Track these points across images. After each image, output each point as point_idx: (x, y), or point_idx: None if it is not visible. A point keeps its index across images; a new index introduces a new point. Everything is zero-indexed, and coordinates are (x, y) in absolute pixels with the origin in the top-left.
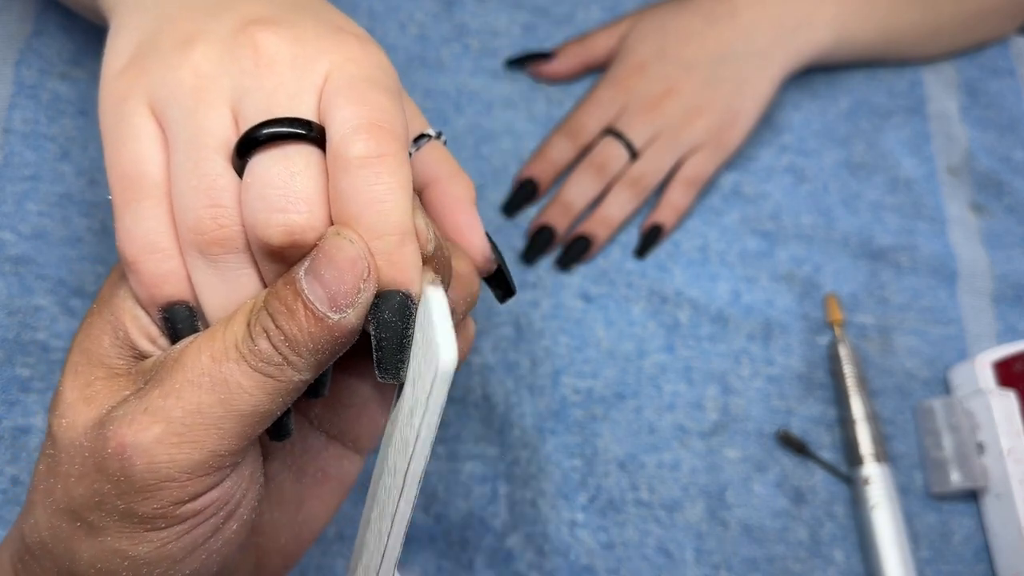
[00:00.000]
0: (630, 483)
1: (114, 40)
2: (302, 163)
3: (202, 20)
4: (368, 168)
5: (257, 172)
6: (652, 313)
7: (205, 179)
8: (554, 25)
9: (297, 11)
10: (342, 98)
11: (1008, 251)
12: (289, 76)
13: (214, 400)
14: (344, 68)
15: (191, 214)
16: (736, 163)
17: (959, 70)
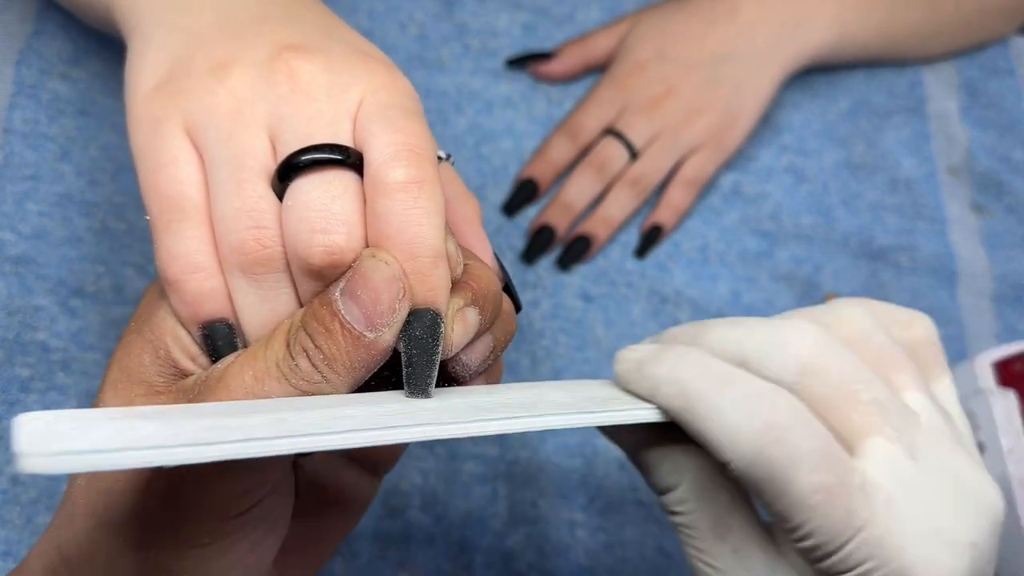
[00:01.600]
0: (629, 483)
1: (141, 58)
2: (341, 187)
3: (236, 44)
4: (406, 192)
5: (299, 195)
6: (652, 313)
7: (248, 201)
8: (554, 25)
9: (326, 37)
10: (378, 126)
11: (1008, 251)
12: (325, 103)
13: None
14: (376, 95)
15: (234, 235)
16: (736, 163)
17: (959, 70)
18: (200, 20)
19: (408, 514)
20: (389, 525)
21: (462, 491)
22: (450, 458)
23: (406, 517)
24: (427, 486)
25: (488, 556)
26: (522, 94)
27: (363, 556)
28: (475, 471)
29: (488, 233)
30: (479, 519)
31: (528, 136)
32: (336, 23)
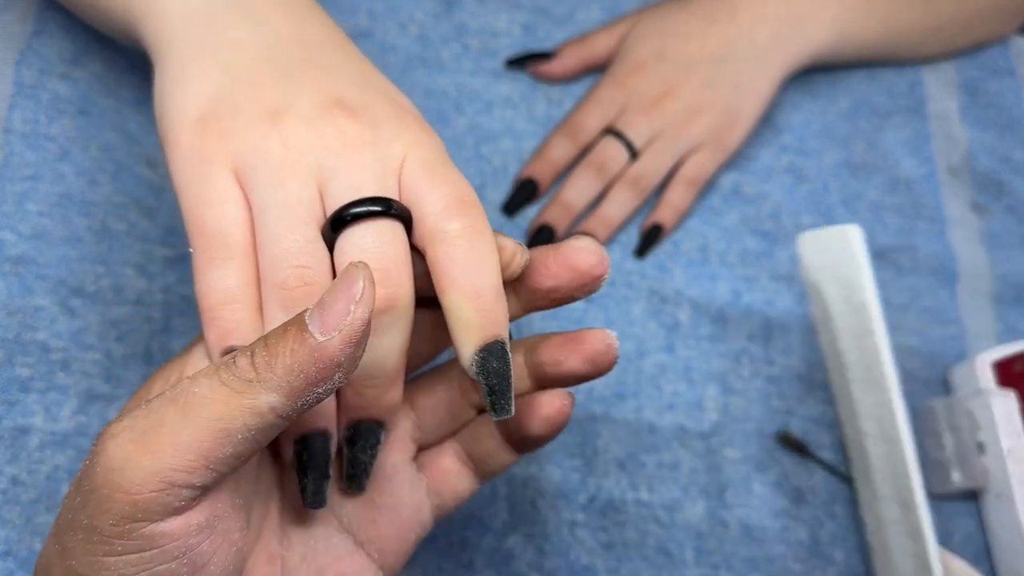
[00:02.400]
0: (630, 483)
1: (180, 87)
2: (390, 235)
3: (284, 91)
4: (464, 239)
5: (354, 241)
6: (652, 313)
7: (296, 244)
8: (554, 25)
9: (367, 88)
10: (426, 182)
11: (1008, 251)
12: (372, 159)
13: (176, 410)
14: (416, 152)
15: (280, 273)
16: (736, 163)
17: (959, 70)
18: (242, 56)
19: None
20: None
21: None
22: None
23: None
24: None
25: (488, 555)
26: (522, 94)
27: None
28: None
29: None
30: (479, 519)
31: (528, 136)
32: (368, 69)
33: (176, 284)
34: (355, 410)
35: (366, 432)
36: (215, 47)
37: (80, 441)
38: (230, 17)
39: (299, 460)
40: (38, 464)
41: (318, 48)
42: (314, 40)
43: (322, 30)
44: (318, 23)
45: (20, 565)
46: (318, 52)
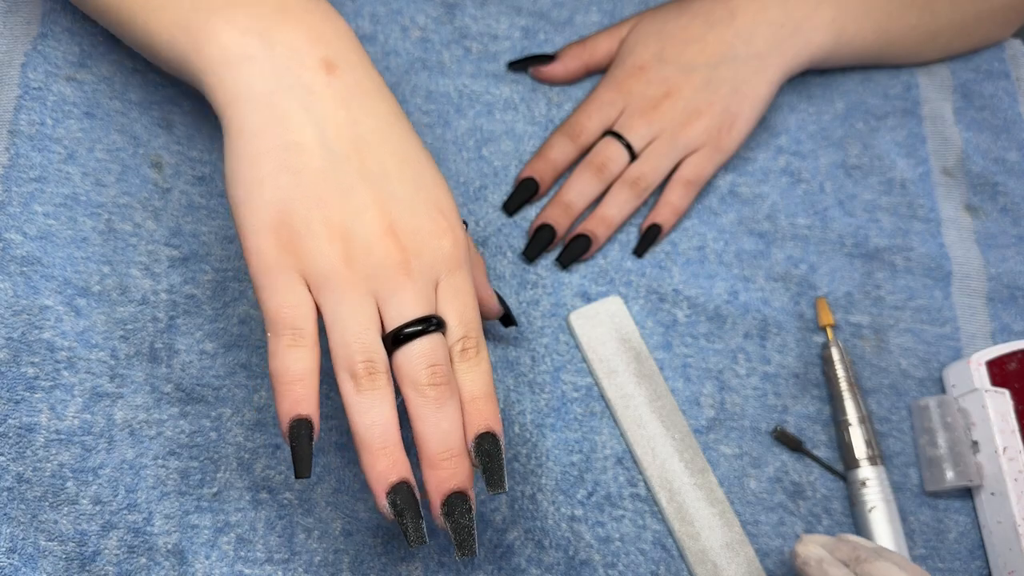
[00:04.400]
0: (627, 479)
1: (255, 190)
2: (438, 342)
3: (347, 213)
4: (464, 363)
5: (415, 348)
6: (650, 311)
7: (363, 344)
8: (554, 29)
9: (416, 203)
10: (451, 308)
11: (1002, 251)
12: (418, 286)
13: None
14: (448, 281)
15: (351, 365)
16: (733, 164)
17: (954, 73)
18: (307, 165)
19: None
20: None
21: None
22: None
23: None
24: None
25: (489, 550)
26: (522, 96)
27: (366, 549)
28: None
29: (489, 232)
30: (480, 513)
31: (529, 138)
32: (416, 167)
33: (181, 284)
34: (442, 484)
35: (458, 501)
36: (281, 148)
37: (85, 439)
38: (290, 109)
39: (395, 508)
40: (43, 462)
41: (372, 153)
42: (370, 145)
43: (371, 121)
44: (368, 111)
45: (25, 562)
46: (372, 159)
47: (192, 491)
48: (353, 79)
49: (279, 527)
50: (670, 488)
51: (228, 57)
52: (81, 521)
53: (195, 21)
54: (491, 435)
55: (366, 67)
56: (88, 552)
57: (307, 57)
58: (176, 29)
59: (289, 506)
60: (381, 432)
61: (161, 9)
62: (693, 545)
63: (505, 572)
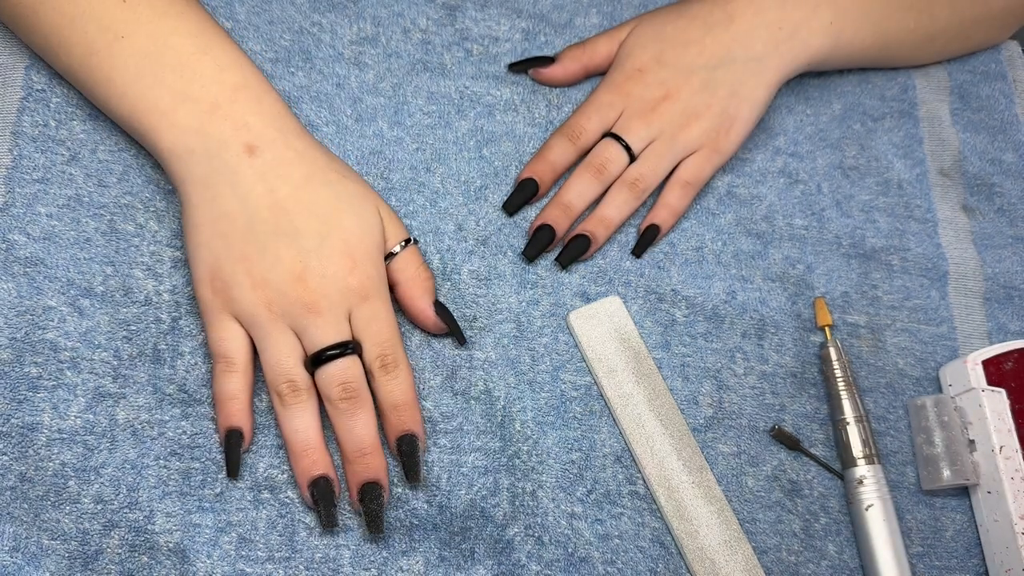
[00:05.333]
0: (626, 476)
1: (195, 248)
2: (351, 363)
3: (264, 266)
4: (388, 375)
5: (329, 370)
6: (649, 311)
7: (284, 369)
8: (554, 31)
9: (324, 252)
10: (365, 336)
11: (998, 251)
12: (330, 319)
13: None
14: (361, 310)
15: (276, 386)
16: (730, 166)
17: (950, 74)
18: (233, 229)
19: (412, 504)
20: (393, 515)
21: (464, 482)
22: (453, 450)
23: (410, 507)
24: (430, 477)
25: (489, 545)
26: (523, 98)
27: (367, 545)
28: (477, 463)
29: (489, 232)
30: (481, 510)
31: (529, 139)
32: (328, 217)
33: (184, 285)
34: (356, 476)
35: (370, 491)
36: (216, 219)
37: (87, 439)
38: (221, 188)
39: (313, 497)
40: (46, 461)
41: (285, 215)
42: (286, 207)
43: (286, 186)
44: (283, 179)
45: (28, 560)
46: (285, 220)
47: (194, 491)
48: (272, 155)
49: (280, 525)
50: (668, 486)
51: (174, 151)
52: (83, 520)
53: (148, 120)
54: (409, 436)
55: (285, 140)
56: (90, 551)
57: (232, 144)
58: (135, 119)
59: (290, 504)
60: (303, 437)
61: (123, 98)
62: (691, 543)
63: (505, 567)
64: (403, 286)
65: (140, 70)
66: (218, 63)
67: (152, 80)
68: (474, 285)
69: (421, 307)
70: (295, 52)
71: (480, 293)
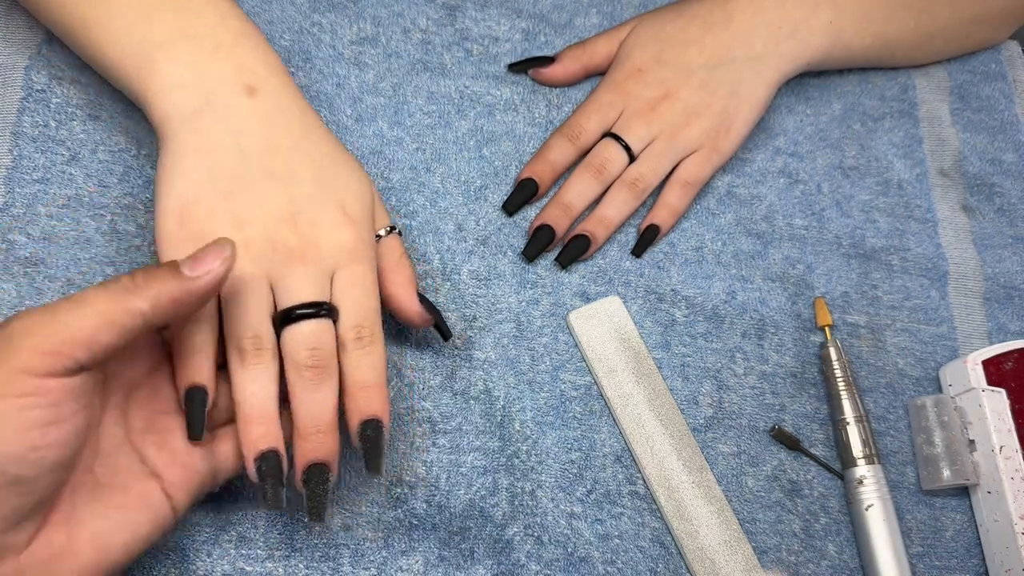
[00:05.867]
0: (626, 476)
1: (170, 181)
2: (321, 328)
3: (251, 204)
4: (358, 350)
5: (296, 333)
6: (649, 311)
7: (252, 325)
8: (554, 31)
9: (318, 197)
10: (346, 300)
11: (998, 251)
12: (313, 269)
13: (71, 303)
14: (346, 272)
15: (238, 341)
16: (730, 165)
17: (950, 74)
18: (222, 165)
19: (411, 504)
20: (392, 515)
21: (464, 482)
22: (452, 450)
23: (409, 507)
24: (430, 477)
25: (489, 545)
26: (523, 98)
27: (366, 544)
28: (476, 463)
29: (489, 232)
30: (480, 509)
31: (529, 139)
32: (325, 167)
33: None
34: (306, 455)
35: (317, 473)
36: (202, 152)
37: None
38: (213, 126)
39: (259, 473)
40: None
41: (282, 157)
42: (280, 146)
43: (285, 133)
44: (282, 126)
45: None
46: (282, 162)
47: None
48: (274, 101)
49: (279, 524)
50: (668, 486)
51: (164, 85)
52: None
53: (142, 54)
54: (374, 422)
55: (289, 91)
56: None
57: (232, 84)
58: (126, 58)
59: (289, 503)
60: (259, 404)
61: (116, 42)
62: (691, 543)
63: (504, 567)
64: (387, 272)
65: (137, 10)
66: (220, 11)
67: (151, 17)
68: (474, 285)
69: (405, 295)
70: (295, 52)
71: (480, 293)
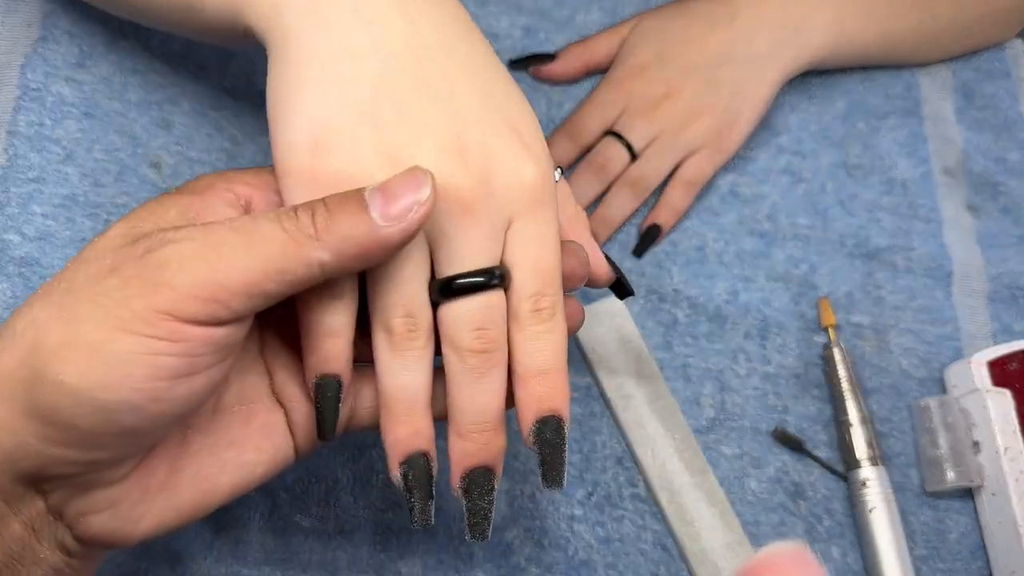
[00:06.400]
0: (627, 479)
1: (295, 105)
2: (494, 302)
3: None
4: (537, 325)
5: (465, 306)
6: (650, 312)
7: (404, 298)
8: (554, 28)
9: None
10: (523, 262)
11: (1003, 251)
12: (483, 227)
13: (239, 239)
14: (525, 222)
15: (387, 319)
16: (733, 164)
17: (954, 72)
18: (360, 75)
19: None
20: (390, 517)
21: None
22: None
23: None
24: None
25: (487, 549)
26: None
27: (364, 548)
28: None
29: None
30: None
31: None
32: (489, 80)
33: None
34: (466, 458)
35: (480, 479)
36: (329, 58)
37: None
38: (340, 15)
39: (405, 481)
40: None
41: (436, 65)
42: (431, 51)
43: (435, 31)
44: (432, 18)
45: None
46: (436, 71)
47: None
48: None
49: (276, 528)
50: (670, 488)
51: None
52: None
53: None
54: (555, 420)
55: None
56: None
57: None
58: None
59: (286, 506)
60: (410, 396)
61: None
62: (693, 546)
63: (504, 571)
64: (568, 224)
65: None
66: None
67: None
68: None
69: (594, 248)
70: None
71: None
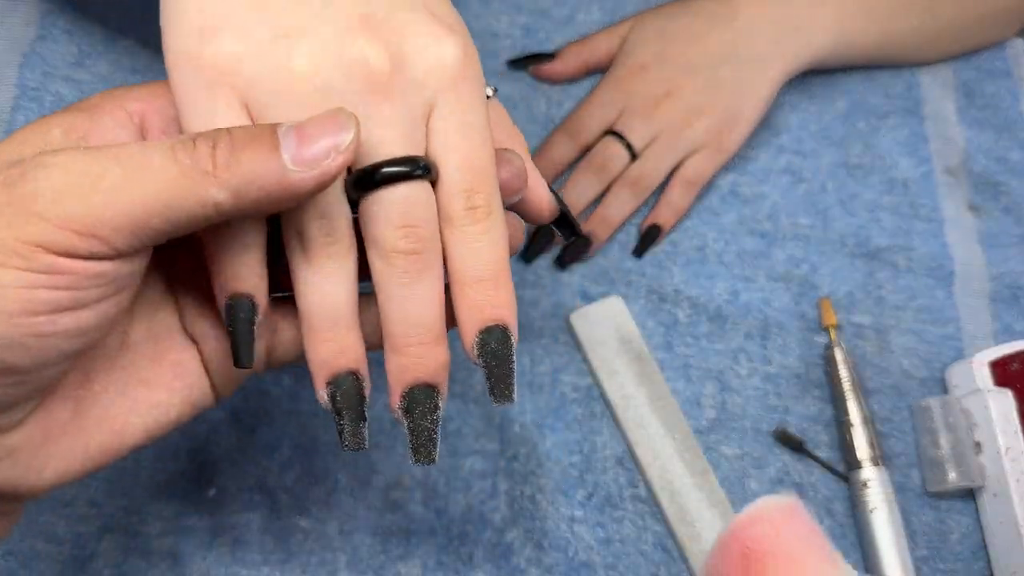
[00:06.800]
0: (628, 480)
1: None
2: (420, 193)
3: (302, 9)
4: (472, 225)
5: (386, 199)
6: (651, 311)
7: (316, 198)
8: (554, 27)
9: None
10: (450, 153)
11: (1005, 251)
12: (400, 108)
13: (122, 171)
14: (445, 101)
15: (300, 225)
16: (734, 164)
17: (956, 72)
18: None
19: (409, 508)
20: (390, 519)
21: (462, 486)
22: (451, 454)
23: (407, 511)
24: (428, 480)
25: (488, 550)
26: (523, 95)
27: (364, 549)
28: (475, 466)
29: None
30: (479, 513)
31: (529, 136)
32: None
33: None
34: (404, 373)
35: (421, 397)
36: None
37: None
38: None
39: (333, 402)
40: None
41: None
42: None
43: None
44: None
45: (22, 564)
46: None
47: (188, 494)
48: None
49: (275, 528)
50: (671, 489)
51: None
52: (78, 523)
53: None
54: (500, 329)
55: None
56: (85, 554)
57: None
58: None
59: (285, 507)
60: (331, 308)
61: None
62: (694, 547)
63: (504, 572)
64: (501, 143)
65: None
66: None
67: None
68: None
69: (533, 177)
70: None
71: None
